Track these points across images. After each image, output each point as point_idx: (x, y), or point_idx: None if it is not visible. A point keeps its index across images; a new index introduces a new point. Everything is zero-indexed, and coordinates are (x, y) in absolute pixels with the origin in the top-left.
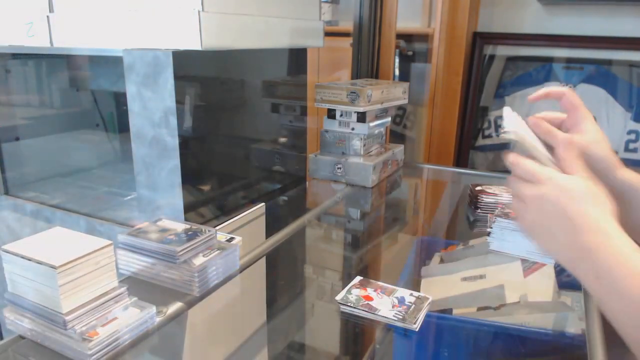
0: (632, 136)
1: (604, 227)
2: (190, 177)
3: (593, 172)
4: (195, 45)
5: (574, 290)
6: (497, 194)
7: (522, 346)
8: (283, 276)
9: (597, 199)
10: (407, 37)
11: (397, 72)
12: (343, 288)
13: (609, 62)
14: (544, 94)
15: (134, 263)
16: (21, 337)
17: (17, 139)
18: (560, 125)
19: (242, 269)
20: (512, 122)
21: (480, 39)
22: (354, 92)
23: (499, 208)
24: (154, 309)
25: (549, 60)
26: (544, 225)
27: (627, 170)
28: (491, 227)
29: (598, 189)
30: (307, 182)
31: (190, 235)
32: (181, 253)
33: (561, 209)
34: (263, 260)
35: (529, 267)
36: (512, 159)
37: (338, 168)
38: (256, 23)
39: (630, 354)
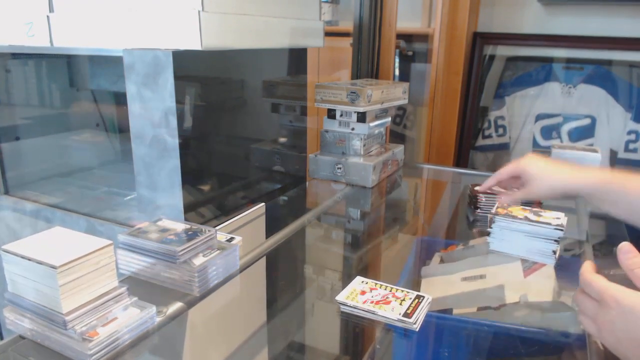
0: (632, 136)
1: None
2: (190, 177)
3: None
4: (195, 45)
5: (574, 290)
6: (496, 194)
7: (522, 346)
8: (283, 276)
9: None
10: (407, 37)
11: (397, 72)
12: (343, 288)
13: (609, 62)
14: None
15: (134, 263)
16: (21, 337)
17: (17, 138)
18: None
19: (242, 269)
20: None
21: (480, 39)
22: (354, 92)
23: (497, 204)
24: (154, 309)
25: (549, 60)
26: (618, 350)
27: (585, 175)
28: (491, 227)
29: None
30: (307, 182)
31: (190, 235)
32: (181, 253)
33: (631, 336)
34: (263, 260)
35: (529, 267)
36: (584, 276)
37: (338, 168)
38: (256, 23)
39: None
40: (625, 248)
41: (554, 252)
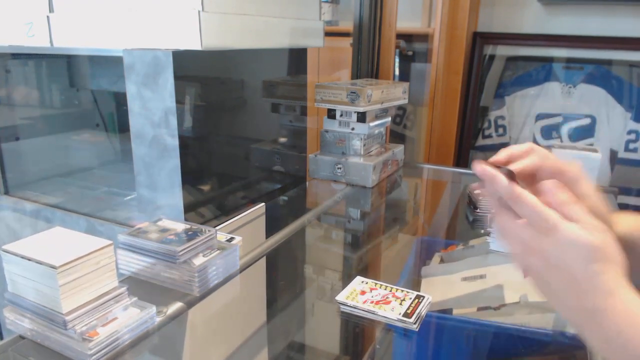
0: (632, 136)
1: (612, 287)
2: (190, 177)
3: None
4: (195, 45)
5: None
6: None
7: (522, 346)
8: (283, 276)
9: (604, 255)
10: (407, 37)
11: (397, 72)
12: (343, 288)
13: (609, 62)
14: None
15: (134, 263)
16: (21, 337)
17: (17, 139)
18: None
19: (242, 269)
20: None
21: (480, 39)
22: (354, 92)
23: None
24: (154, 309)
25: (549, 60)
26: (549, 282)
27: (622, 219)
28: (491, 227)
29: (605, 240)
30: (307, 182)
31: (190, 235)
32: (181, 253)
33: (566, 267)
34: (263, 260)
35: None
36: (516, 191)
37: (338, 168)
38: (256, 23)
39: None
40: (549, 185)
41: None
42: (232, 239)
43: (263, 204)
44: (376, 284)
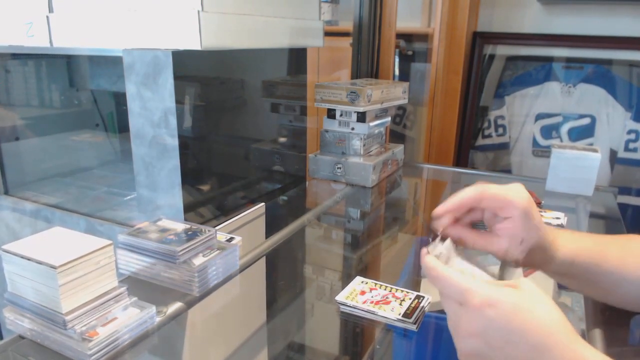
0: (632, 136)
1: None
2: (190, 177)
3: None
4: (195, 45)
5: (573, 290)
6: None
7: None
8: (283, 276)
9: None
10: (407, 37)
11: (397, 71)
12: (343, 288)
13: (609, 62)
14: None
15: (134, 263)
16: (21, 337)
17: (17, 139)
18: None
19: (242, 269)
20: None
21: (480, 39)
22: (354, 92)
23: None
24: (153, 308)
25: (549, 59)
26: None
27: (564, 241)
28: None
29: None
30: (307, 182)
31: (190, 235)
32: (181, 253)
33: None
34: (263, 260)
35: (529, 267)
36: (434, 272)
37: (338, 168)
38: (256, 23)
39: (630, 355)
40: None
41: None
42: (232, 239)
43: (263, 204)
44: (376, 284)
